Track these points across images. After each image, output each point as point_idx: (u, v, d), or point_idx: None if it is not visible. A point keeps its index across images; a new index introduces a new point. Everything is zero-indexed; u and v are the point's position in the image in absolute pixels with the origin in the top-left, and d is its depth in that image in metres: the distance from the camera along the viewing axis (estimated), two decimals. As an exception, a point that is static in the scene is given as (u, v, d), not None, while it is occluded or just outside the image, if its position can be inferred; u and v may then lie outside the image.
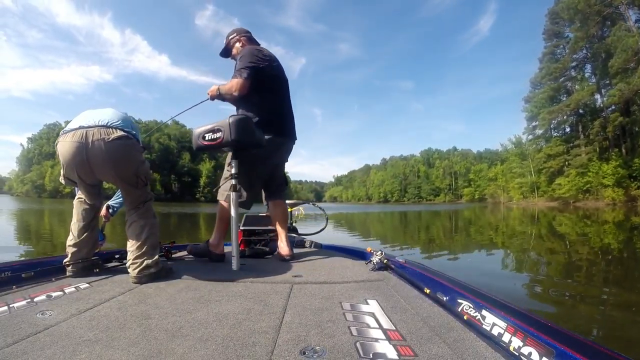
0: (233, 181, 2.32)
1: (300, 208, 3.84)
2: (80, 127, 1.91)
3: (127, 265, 1.95)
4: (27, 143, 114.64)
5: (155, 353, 1.04)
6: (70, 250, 2.06)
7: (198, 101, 2.73)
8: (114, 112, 2.07)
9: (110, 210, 2.63)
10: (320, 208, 3.71)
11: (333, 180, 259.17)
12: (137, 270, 1.90)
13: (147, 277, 1.91)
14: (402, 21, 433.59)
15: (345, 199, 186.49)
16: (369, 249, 2.52)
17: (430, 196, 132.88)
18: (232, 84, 2.48)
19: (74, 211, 2.13)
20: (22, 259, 2.25)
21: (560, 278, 4.39)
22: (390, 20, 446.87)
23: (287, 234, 2.72)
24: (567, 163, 50.72)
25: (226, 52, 2.86)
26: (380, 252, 2.25)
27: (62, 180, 2.12)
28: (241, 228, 3.07)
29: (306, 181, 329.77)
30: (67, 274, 2.01)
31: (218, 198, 2.62)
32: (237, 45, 2.77)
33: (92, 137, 1.87)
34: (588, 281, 4.22)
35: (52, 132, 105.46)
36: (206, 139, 2.24)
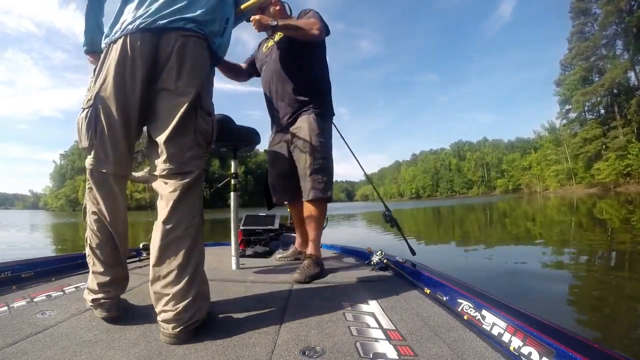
0: (233, 181, 2.37)
1: None
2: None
3: (162, 317, 1.18)
4: (60, 159, 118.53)
5: (156, 354, 1.07)
6: (96, 287, 1.31)
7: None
8: None
9: None
10: None
11: (363, 178, 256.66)
12: (180, 329, 1.16)
13: (191, 333, 1.20)
14: (421, 13, 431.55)
15: (377, 197, 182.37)
16: (369, 249, 2.51)
17: (463, 189, 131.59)
18: (313, 22, 2.13)
19: (93, 207, 1.32)
20: (22, 259, 2.32)
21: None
22: (409, 13, 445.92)
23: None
24: (604, 146, 48.81)
25: None
26: (380, 252, 2.27)
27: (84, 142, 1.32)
28: (241, 228, 3.10)
29: (337, 181, 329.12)
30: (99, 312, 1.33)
31: (320, 196, 2.19)
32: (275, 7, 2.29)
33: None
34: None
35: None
36: None
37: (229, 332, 1.22)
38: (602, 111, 53.55)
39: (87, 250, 1.33)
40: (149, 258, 1.33)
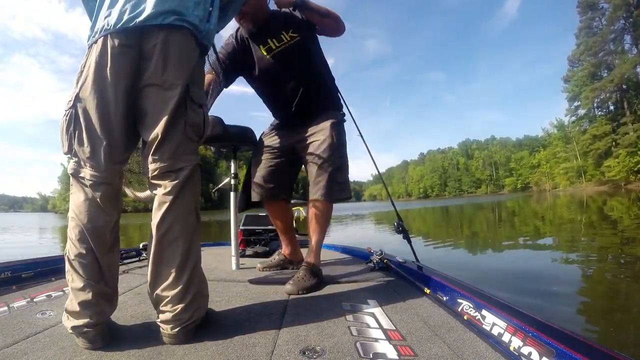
0: (232, 181, 2.37)
1: (301, 209, 3.80)
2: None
3: (162, 318, 1.20)
4: (68, 162, 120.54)
5: (156, 354, 1.08)
6: (77, 308, 1.14)
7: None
8: None
9: None
10: None
11: (371, 178, 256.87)
12: (179, 329, 1.17)
13: (190, 332, 1.22)
14: (427, 12, 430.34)
15: (385, 197, 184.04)
16: (369, 249, 2.52)
17: (472, 189, 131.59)
18: (336, 14, 2.08)
19: (78, 219, 1.19)
20: (22, 259, 2.27)
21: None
22: (415, 13, 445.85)
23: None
24: (614, 143, 48.14)
25: None
26: (380, 252, 2.27)
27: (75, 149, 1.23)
28: (241, 228, 3.12)
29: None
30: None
31: (337, 197, 2.08)
32: None
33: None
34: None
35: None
36: None
37: (229, 332, 1.23)
38: (612, 107, 53.44)
39: (67, 265, 1.19)
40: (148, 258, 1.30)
